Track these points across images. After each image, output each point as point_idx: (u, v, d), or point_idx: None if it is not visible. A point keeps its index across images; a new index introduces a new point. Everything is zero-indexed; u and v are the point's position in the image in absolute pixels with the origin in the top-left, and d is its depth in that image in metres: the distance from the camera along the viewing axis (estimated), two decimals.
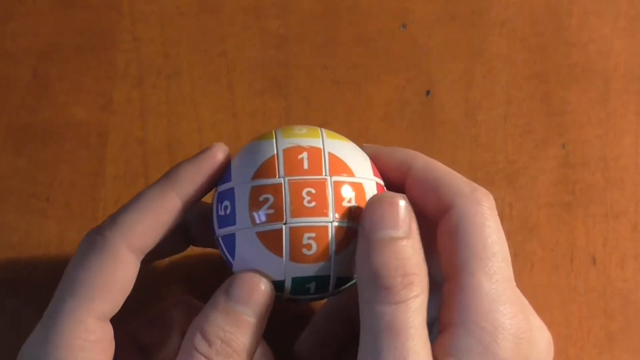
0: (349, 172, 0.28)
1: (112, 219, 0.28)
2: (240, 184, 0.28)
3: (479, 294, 0.26)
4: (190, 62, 0.41)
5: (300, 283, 0.27)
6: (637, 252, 0.40)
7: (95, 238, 0.27)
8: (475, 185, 0.28)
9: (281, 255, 0.27)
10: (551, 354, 0.28)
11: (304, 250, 0.26)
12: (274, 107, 0.40)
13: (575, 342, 0.39)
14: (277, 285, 0.27)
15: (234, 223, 0.28)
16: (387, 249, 0.25)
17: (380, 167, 0.30)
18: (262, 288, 0.26)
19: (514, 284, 0.27)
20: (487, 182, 0.40)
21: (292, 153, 0.28)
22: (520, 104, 0.41)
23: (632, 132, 0.41)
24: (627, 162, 0.41)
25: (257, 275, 0.27)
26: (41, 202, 0.39)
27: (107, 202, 0.39)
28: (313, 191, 0.27)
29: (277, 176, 0.27)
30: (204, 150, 0.29)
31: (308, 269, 0.27)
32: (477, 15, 0.42)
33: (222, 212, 0.28)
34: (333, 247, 0.27)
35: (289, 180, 0.27)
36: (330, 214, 0.27)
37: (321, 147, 0.28)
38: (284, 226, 0.27)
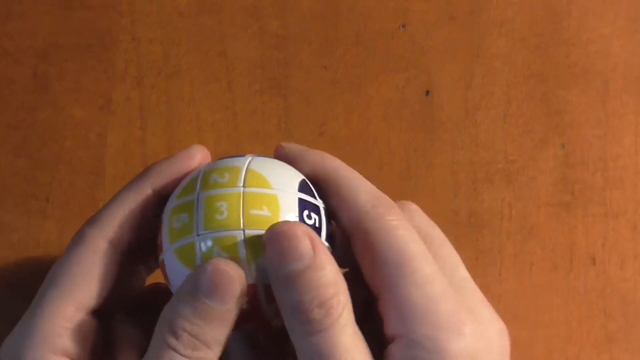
0: (266, 184, 0.27)
1: (91, 218, 0.28)
2: (166, 210, 0.28)
3: (410, 304, 0.26)
4: (190, 62, 0.41)
5: None
6: (636, 252, 0.40)
7: (76, 236, 0.28)
8: (377, 200, 0.27)
9: (194, 268, 0.26)
10: (505, 344, 0.28)
11: None
12: (274, 107, 0.40)
13: (574, 342, 0.39)
14: None
15: (162, 249, 0.28)
16: (296, 284, 0.25)
17: (299, 167, 0.29)
18: (230, 276, 0.25)
19: (443, 279, 0.27)
20: (486, 182, 0.40)
21: (213, 172, 0.28)
22: (519, 104, 0.41)
23: (631, 132, 0.41)
24: (626, 162, 0.41)
25: (225, 262, 0.26)
26: (40, 202, 0.39)
27: (106, 202, 0.39)
28: (224, 204, 0.26)
29: (194, 193, 0.27)
30: (182, 150, 0.30)
31: None
32: (476, 15, 0.42)
33: (158, 242, 0.28)
34: (244, 255, 0.26)
35: (201, 195, 0.27)
36: (241, 224, 0.26)
37: (243, 166, 0.28)
38: (196, 238, 0.26)
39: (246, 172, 0.27)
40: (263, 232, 0.26)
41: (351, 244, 0.28)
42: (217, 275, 0.25)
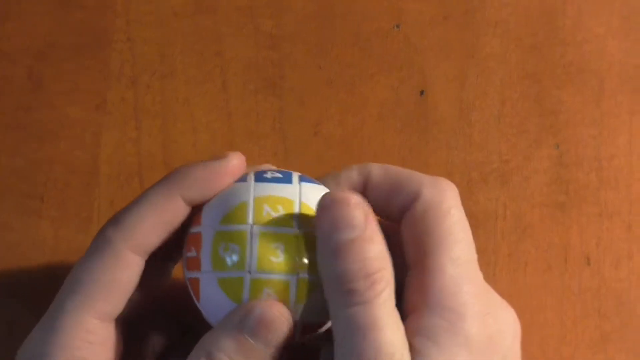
0: None
1: (115, 219, 0.27)
2: (207, 227, 0.27)
3: (442, 277, 0.26)
4: (185, 63, 0.41)
5: None
6: (631, 252, 0.40)
7: (99, 239, 0.27)
8: (437, 177, 0.28)
9: (240, 303, 0.26)
10: (517, 329, 0.29)
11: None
12: (269, 107, 0.40)
13: (569, 342, 0.39)
14: None
15: (198, 268, 0.27)
16: (345, 253, 0.25)
17: (348, 185, 0.29)
18: (279, 323, 0.26)
19: (477, 267, 0.28)
20: (480, 182, 0.40)
21: (264, 201, 0.27)
22: (514, 104, 0.41)
23: (625, 131, 0.41)
24: (620, 162, 0.41)
25: (276, 306, 0.26)
26: (36, 202, 0.39)
27: (102, 201, 0.39)
28: (280, 246, 0.26)
29: (245, 222, 0.26)
30: (217, 156, 0.28)
31: None
32: (470, 15, 0.42)
33: (189, 254, 0.27)
34: (293, 300, 0.26)
35: (255, 229, 0.26)
36: (295, 269, 0.26)
37: (295, 198, 0.27)
38: (244, 275, 0.26)
39: (300, 207, 0.27)
40: (315, 276, 0.26)
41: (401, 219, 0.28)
42: (266, 318, 0.26)
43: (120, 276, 0.27)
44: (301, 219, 0.27)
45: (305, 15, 0.42)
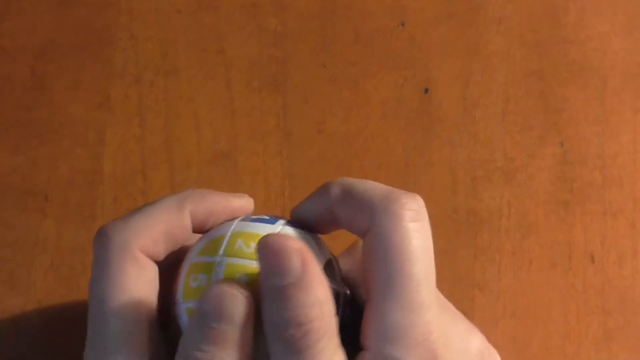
0: None
1: (124, 222, 0.27)
2: (187, 260, 0.27)
3: (387, 322, 0.25)
4: (188, 60, 0.41)
5: None
6: (635, 249, 0.40)
7: (105, 242, 0.27)
8: (393, 195, 0.27)
9: None
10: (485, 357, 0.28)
11: None
12: (272, 105, 0.40)
13: (573, 340, 0.39)
14: None
15: (174, 298, 0.27)
16: (279, 300, 0.24)
17: (310, 219, 0.29)
18: (233, 295, 0.25)
19: (433, 303, 0.26)
20: (485, 180, 0.40)
21: (240, 236, 0.27)
22: (518, 102, 0.41)
23: (629, 129, 0.41)
24: (624, 160, 0.41)
25: (226, 283, 0.25)
26: (39, 200, 0.39)
27: (105, 200, 0.39)
28: (244, 277, 0.26)
29: (216, 254, 0.27)
30: (235, 194, 0.29)
31: None
32: (474, 12, 0.42)
33: (174, 287, 0.28)
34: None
35: (226, 261, 0.26)
36: None
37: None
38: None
39: None
40: None
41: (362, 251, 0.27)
42: (221, 295, 0.25)
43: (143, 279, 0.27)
44: None
45: (309, 13, 0.41)
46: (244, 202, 0.29)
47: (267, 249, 0.25)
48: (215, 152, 0.40)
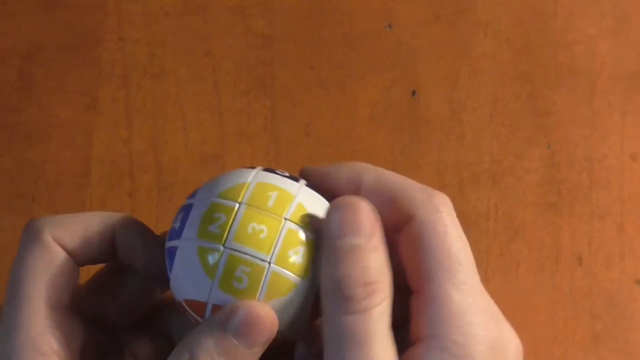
0: (308, 225, 0.26)
1: (50, 215, 0.28)
2: (201, 200, 0.27)
3: (448, 306, 0.25)
4: (176, 62, 0.41)
5: None
6: (622, 252, 0.40)
7: (30, 234, 0.27)
8: (430, 190, 0.27)
9: (212, 278, 0.26)
10: (520, 353, 0.28)
11: (234, 282, 0.25)
12: (260, 107, 0.40)
13: (560, 343, 0.39)
14: (199, 307, 0.26)
15: (179, 236, 0.27)
16: (348, 258, 0.25)
17: (330, 188, 0.28)
18: (264, 324, 0.25)
19: (483, 289, 0.26)
20: (472, 182, 0.40)
21: (264, 187, 0.27)
22: (505, 104, 0.41)
23: (617, 132, 0.41)
24: (612, 162, 0.41)
25: (261, 307, 0.25)
26: (27, 202, 0.39)
27: (93, 201, 0.39)
28: (264, 228, 0.26)
29: (239, 199, 0.26)
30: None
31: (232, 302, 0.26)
32: (462, 15, 0.42)
33: (174, 225, 0.27)
34: (264, 290, 0.26)
35: (245, 207, 0.26)
36: (271, 256, 0.26)
37: (294, 194, 0.27)
38: (222, 248, 0.26)
39: (296, 204, 0.27)
40: (290, 274, 0.26)
41: (398, 243, 0.27)
42: (250, 319, 0.25)
43: (54, 267, 0.27)
44: (292, 213, 0.26)
45: (297, 15, 0.41)
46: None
47: (342, 207, 0.25)
48: (203, 153, 0.40)
